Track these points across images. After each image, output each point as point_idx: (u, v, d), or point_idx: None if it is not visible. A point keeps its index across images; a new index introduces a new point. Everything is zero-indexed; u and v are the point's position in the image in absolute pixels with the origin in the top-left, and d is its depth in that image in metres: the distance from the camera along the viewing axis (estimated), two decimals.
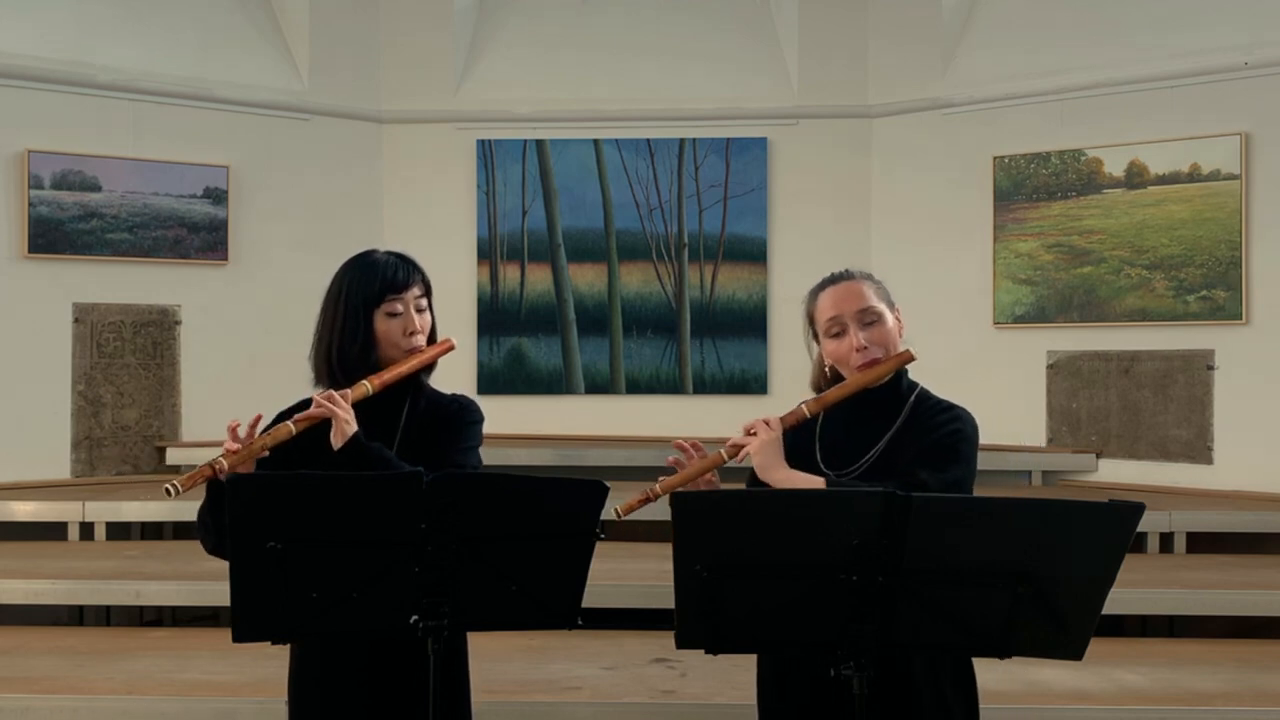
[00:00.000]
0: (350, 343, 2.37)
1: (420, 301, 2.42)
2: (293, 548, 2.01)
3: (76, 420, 6.01)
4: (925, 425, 2.30)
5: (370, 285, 2.38)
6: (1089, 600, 1.95)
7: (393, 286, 2.38)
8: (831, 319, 2.36)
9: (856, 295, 2.36)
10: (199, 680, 3.79)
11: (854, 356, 2.33)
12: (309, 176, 6.65)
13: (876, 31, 6.80)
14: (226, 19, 6.53)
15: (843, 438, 2.37)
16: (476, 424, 2.45)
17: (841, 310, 2.35)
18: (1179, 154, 5.85)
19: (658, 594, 4.06)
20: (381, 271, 2.39)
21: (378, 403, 2.37)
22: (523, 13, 7.09)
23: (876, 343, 2.34)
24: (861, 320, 2.34)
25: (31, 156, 5.85)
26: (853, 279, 2.40)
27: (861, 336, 2.33)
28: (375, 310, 2.38)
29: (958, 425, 2.30)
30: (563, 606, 2.16)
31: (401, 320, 2.38)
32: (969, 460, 2.29)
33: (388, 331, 2.38)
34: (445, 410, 2.44)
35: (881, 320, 2.36)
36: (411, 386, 2.43)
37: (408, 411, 2.41)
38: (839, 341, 2.36)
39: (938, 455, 2.25)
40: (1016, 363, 6.32)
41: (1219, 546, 5.19)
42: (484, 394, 6.78)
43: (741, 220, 6.87)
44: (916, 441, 2.29)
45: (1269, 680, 3.83)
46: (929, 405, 2.35)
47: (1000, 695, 3.53)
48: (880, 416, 2.34)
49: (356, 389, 2.33)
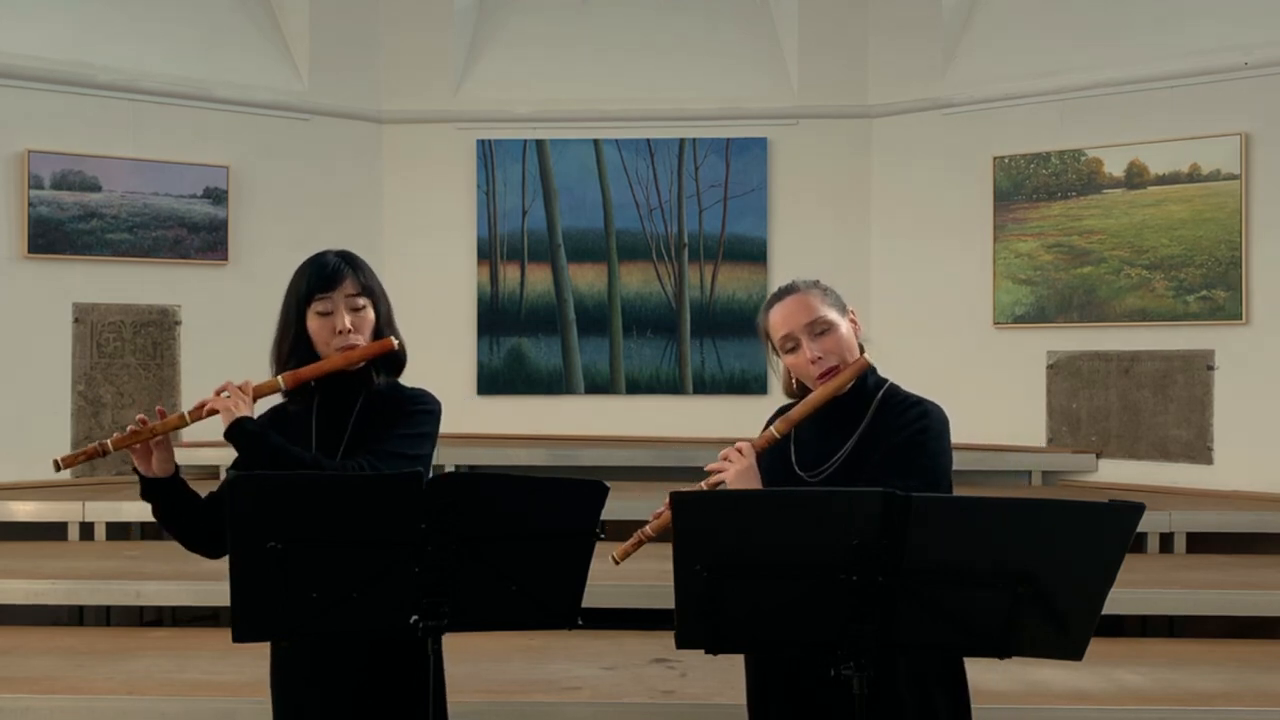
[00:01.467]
0: (284, 340, 2.43)
1: (355, 300, 2.42)
2: (293, 548, 2.00)
3: (76, 420, 6.01)
4: (892, 425, 2.31)
5: (300, 285, 2.42)
6: (1089, 600, 1.95)
7: (320, 285, 2.40)
8: (784, 336, 2.38)
9: (804, 307, 2.37)
10: (199, 680, 3.79)
11: (811, 369, 2.34)
12: (309, 176, 6.65)
13: (876, 31, 6.80)
14: (226, 19, 6.53)
15: (813, 440, 2.38)
16: (424, 413, 2.44)
17: (791, 325, 2.37)
18: (1179, 154, 5.85)
19: (658, 594, 4.06)
20: (314, 270, 2.42)
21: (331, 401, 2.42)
22: (523, 13, 7.09)
23: (831, 351, 2.35)
24: (812, 332, 2.35)
25: (31, 156, 5.85)
26: (798, 291, 2.41)
27: (814, 349, 2.34)
28: (307, 309, 2.41)
29: (925, 422, 2.30)
30: (563, 606, 2.16)
31: (331, 319, 2.40)
32: (937, 455, 2.29)
33: (318, 329, 2.40)
34: (393, 401, 2.44)
35: (833, 329, 2.36)
36: (362, 385, 2.43)
37: (359, 409, 2.42)
38: (795, 356, 2.37)
39: (906, 455, 2.26)
40: (1016, 363, 6.32)
41: (1219, 546, 5.19)
42: (484, 394, 6.79)
43: (741, 220, 6.87)
44: (883, 442, 2.29)
45: (1269, 680, 3.83)
46: (896, 403, 2.35)
47: (1000, 695, 3.53)
48: (848, 417, 2.35)
49: (266, 383, 2.38)
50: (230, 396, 2.33)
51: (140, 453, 2.33)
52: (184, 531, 2.41)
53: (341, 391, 2.42)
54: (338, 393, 2.42)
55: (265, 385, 2.38)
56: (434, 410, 2.46)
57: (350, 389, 2.42)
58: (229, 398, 2.33)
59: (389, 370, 2.47)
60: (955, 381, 6.18)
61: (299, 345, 2.41)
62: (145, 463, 2.34)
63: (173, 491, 2.38)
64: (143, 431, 2.29)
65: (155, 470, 2.35)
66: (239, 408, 2.32)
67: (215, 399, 2.34)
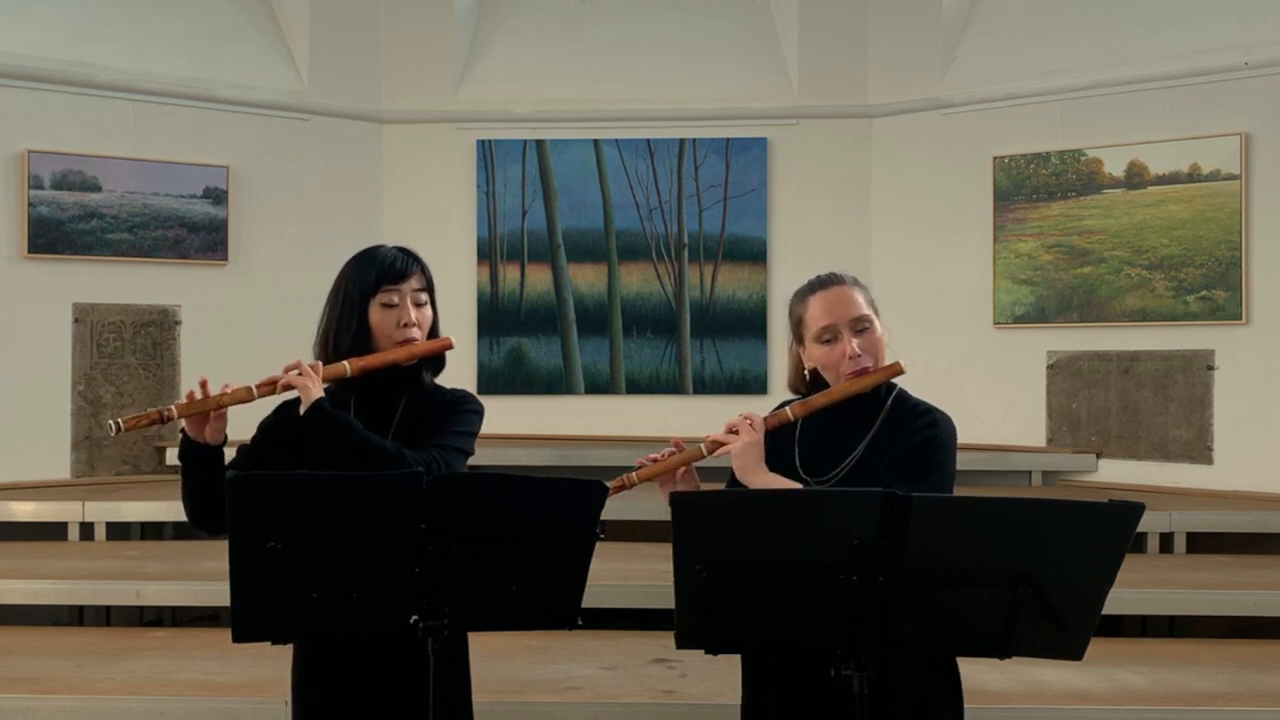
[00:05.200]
0: (344, 332, 2.37)
1: (419, 295, 2.41)
2: (293, 548, 2.00)
3: (76, 420, 6.01)
4: (902, 431, 2.29)
5: (367, 275, 2.38)
6: (1089, 600, 1.95)
7: (389, 276, 2.38)
8: (825, 326, 2.33)
9: (851, 302, 2.34)
10: (199, 680, 3.78)
11: (845, 364, 2.31)
12: (309, 176, 6.65)
13: (877, 31, 6.80)
14: (226, 19, 6.53)
15: (821, 442, 2.36)
16: (472, 413, 2.44)
17: (835, 317, 2.33)
18: (1179, 154, 5.85)
19: (658, 594, 4.07)
20: (380, 262, 2.39)
21: (374, 395, 2.38)
22: (523, 12, 7.09)
23: (869, 351, 2.33)
24: (855, 328, 2.33)
25: (31, 156, 5.85)
26: (844, 284, 2.37)
27: (855, 344, 2.31)
28: (371, 300, 2.37)
29: (934, 432, 2.28)
30: (563, 607, 2.16)
31: (396, 311, 2.38)
32: (944, 466, 2.27)
33: (381, 322, 2.37)
34: (442, 401, 2.44)
35: (873, 328, 2.35)
36: (409, 382, 2.41)
37: (404, 406, 2.40)
38: (830, 348, 2.33)
39: (914, 465, 2.24)
40: (1016, 363, 6.32)
41: (1219, 546, 5.19)
42: (484, 394, 6.73)
43: (741, 220, 6.87)
44: (893, 448, 2.28)
45: (1269, 680, 3.83)
46: (906, 409, 2.34)
47: (1000, 695, 3.53)
48: (858, 421, 2.33)
49: (333, 368, 2.34)
50: (303, 375, 2.29)
51: (196, 419, 2.29)
52: (202, 502, 2.36)
53: (386, 386, 2.39)
54: (382, 387, 2.39)
55: (332, 369, 2.33)
56: (480, 412, 2.46)
57: (395, 384, 2.40)
58: (301, 376, 2.29)
59: (434, 369, 2.46)
60: (955, 381, 6.19)
61: (361, 336, 2.37)
62: (199, 429, 2.31)
63: (213, 461, 2.34)
64: (208, 401, 2.26)
65: (207, 437, 2.32)
66: (315, 388, 2.28)
67: (289, 376, 2.29)
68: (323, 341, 2.42)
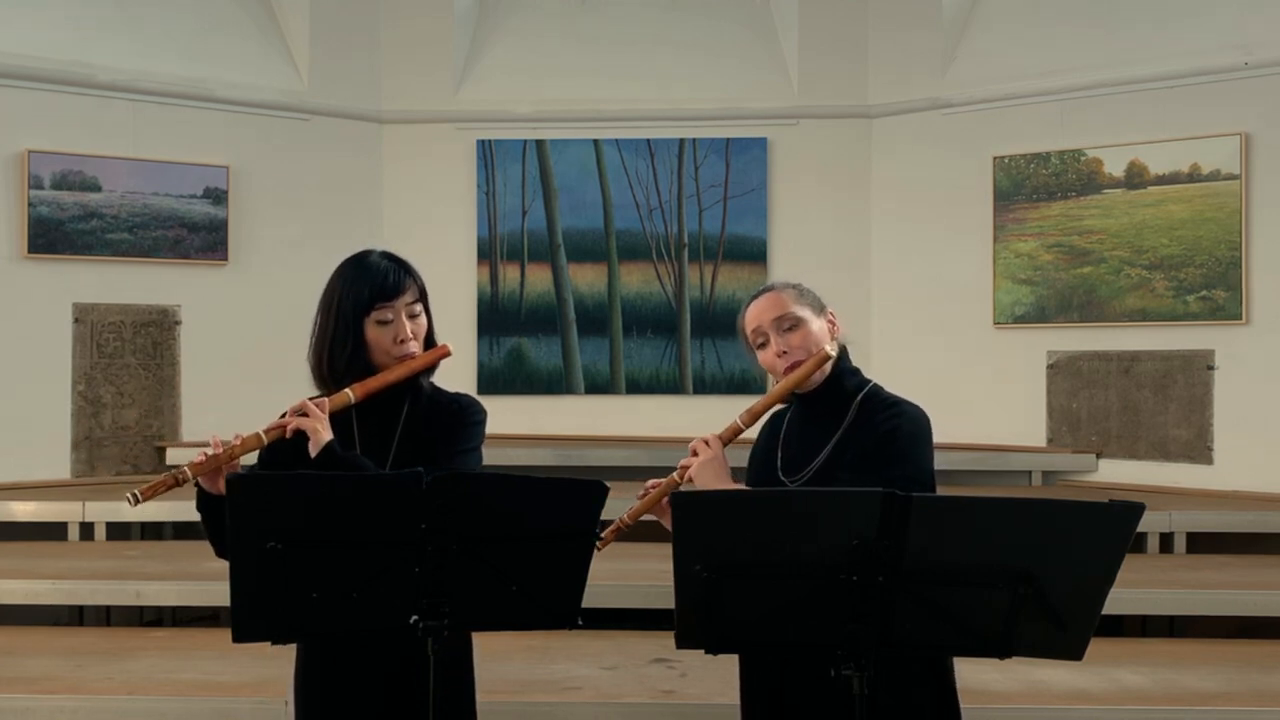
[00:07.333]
0: (340, 349, 2.34)
1: (413, 307, 2.38)
2: (293, 548, 2.00)
3: (76, 420, 6.01)
4: (867, 426, 2.31)
5: (360, 292, 2.34)
6: (1089, 600, 1.94)
7: (383, 294, 2.34)
8: (754, 330, 2.41)
9: (775, 304, 2.39)
10: (199, 680, 3.78)
11: (777, 363, 2.37)
12: (309, 176, 6.65)
13: (876, 31, 6.80)
14: (226, 19, 6.53)
15: (798, 443, 2.39)
16: (477, 424, 2.42)
17: (761, 321, 2.39)
18: (1179, 154, 5.85)
19: (658, 594, 4.07)
20: (372, 278, 2.35)
21: (375, 406, 2.35)
22: (523, 12, 7.09)
23: (796, 346, 2.36)
24: (779, 327, 2.37)
25: (31, 156, 5.85)
26: (773, 290, 2.44)
27: (779, 342, 2.36)
28: (365, 318, 2.34)
29: (897, 422, 2.29)
30: (563, 607, 2.16)
31: (392, 328, 2.34)
32: (911, 458, 2.27)
33: (378, 339, 2.34)
34: (445, 411, 2.41)
35: (800, 325, 2.37)
36: (409, 389, 2.40)
37: (406, 414, 2.38)
38: (765, 352, 2.40)
39: (874, 459, 2.24)
40: (1016, 363, 6.32)
41: (1219, 546, 5.19)
42: (484, 394, 6.76)
43: (741, 220, 6.87)
44: (858, 443, 2.29)
45: (1269, 680, 3.83)
46: (875, 404, 2.34)
47: (1000, 695, 3.54)
48: (828, 419, 2.36)
49: (337, 398, 2.31)
50: (311, 417, 2.26)
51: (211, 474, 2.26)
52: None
53: (385, 396, 2.36)
54: (381, 397, 2.36)
55: (337, 401, 2.30)
56: (484, 420, 2.44)
57: (395, 394, 2.37)
58: (309, 418, 2.26)
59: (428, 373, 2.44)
60: (955, 381, 6.19)
61: (358, 353, 2.34)
62: (212, 482, 2.27)
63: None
64: (221, 455, 2.22)
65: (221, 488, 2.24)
66: (324, 430, 2.26)
67: (297, 419, 2.26)
68: (317, 356, 2.39)
